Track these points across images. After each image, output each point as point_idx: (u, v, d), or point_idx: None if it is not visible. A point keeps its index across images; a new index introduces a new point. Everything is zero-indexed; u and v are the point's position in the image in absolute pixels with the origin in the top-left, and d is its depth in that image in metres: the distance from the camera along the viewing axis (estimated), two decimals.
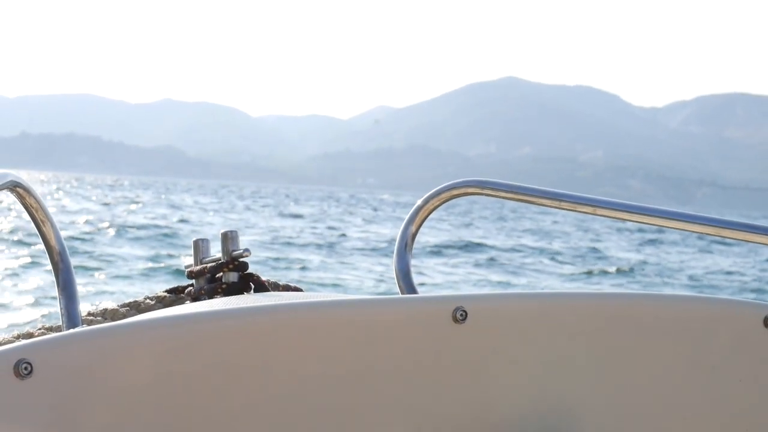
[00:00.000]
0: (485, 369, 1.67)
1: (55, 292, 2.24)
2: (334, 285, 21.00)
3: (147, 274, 22.22)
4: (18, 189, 2.09)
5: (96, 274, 21.37)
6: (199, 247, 2.58)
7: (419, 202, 2.58)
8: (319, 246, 34.80)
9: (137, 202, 69.01)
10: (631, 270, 30.91)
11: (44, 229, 2.21)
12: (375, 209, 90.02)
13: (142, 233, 34.83)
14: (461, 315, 1.64)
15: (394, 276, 2.52)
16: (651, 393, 1.79)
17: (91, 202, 67.41)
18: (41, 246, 2.31)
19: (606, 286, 25.86)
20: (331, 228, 48.23)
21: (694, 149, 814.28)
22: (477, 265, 29.33)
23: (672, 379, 1.81)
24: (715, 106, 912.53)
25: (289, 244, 35.41)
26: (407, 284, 2.49)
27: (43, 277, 17.70)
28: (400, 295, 2.26)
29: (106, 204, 62.94)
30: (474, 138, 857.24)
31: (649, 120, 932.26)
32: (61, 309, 2.22)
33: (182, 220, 46.59)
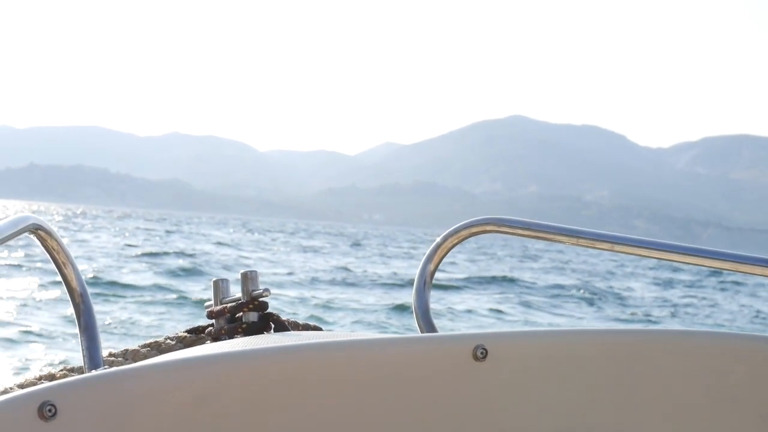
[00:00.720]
0: (506, 407, 1.67)
1: (77, 333, 2.24)
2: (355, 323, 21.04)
3: None
4: (39, 232, 2.10)
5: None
6: (219, 287, 2.59)
7: (438, 240, 2.58)
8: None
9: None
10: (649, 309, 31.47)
11: (65, 271, 2.22)
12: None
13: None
14: (482, 353, 1.64)
15: (414, 314, 2.51)
16: (671, 430, 1.78)
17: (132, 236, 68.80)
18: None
19: (623, 323, 26.06)
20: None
21: (700, 190, 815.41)
22: (497, 301, 29.50)
23: (692, 415, 1.80)
24: (722, 147, 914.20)
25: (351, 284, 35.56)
26: (426, 322, 2.48)
27: (63, 318, 17.88)
28: (420, 334, 2.25)
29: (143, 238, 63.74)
30: (480, 175, 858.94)
31: (655, 160, 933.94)
32: (82, 350, 2.24)
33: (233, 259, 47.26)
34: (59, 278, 2.26)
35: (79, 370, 2.35)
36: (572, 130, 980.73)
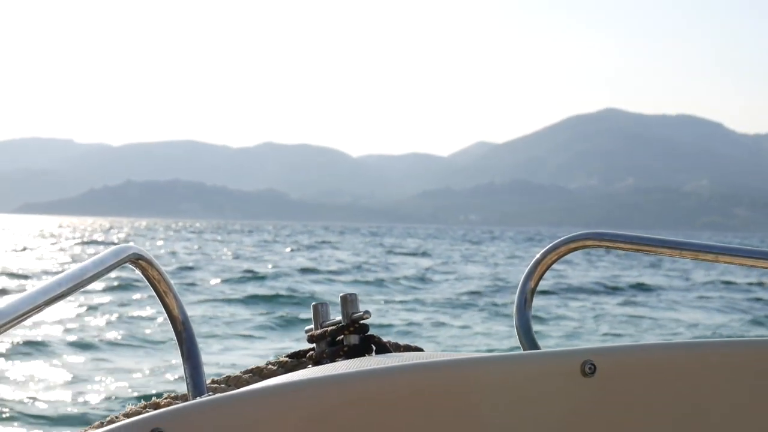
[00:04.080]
0: (616, 423, 1.65)
1: (179, 361, 2.30)
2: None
3: None
4: (140, 262, 2.14)
5: None
6: (319, 311, 2.60)
7: (537, 256, 2.56)
8: None
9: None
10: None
11: (167, 300, 2.26)
12: None
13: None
14: (590, 368, 1.63)
15: (516, 332, 2.50)
16: None
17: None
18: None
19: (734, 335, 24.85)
20: None
21: None
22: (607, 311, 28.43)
23: None
24: None
25: None
26: (529, 340, 2.46)
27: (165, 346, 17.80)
28: (526, 351, 2.26)
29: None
30: (575, 171, 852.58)
31: (754, 147, 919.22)
32: (186, 378, 2.28)
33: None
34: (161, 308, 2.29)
35: (183, 398, 2.40)
36: (667, 121, 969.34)
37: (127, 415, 2.17)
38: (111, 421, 1.82)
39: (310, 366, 2.57)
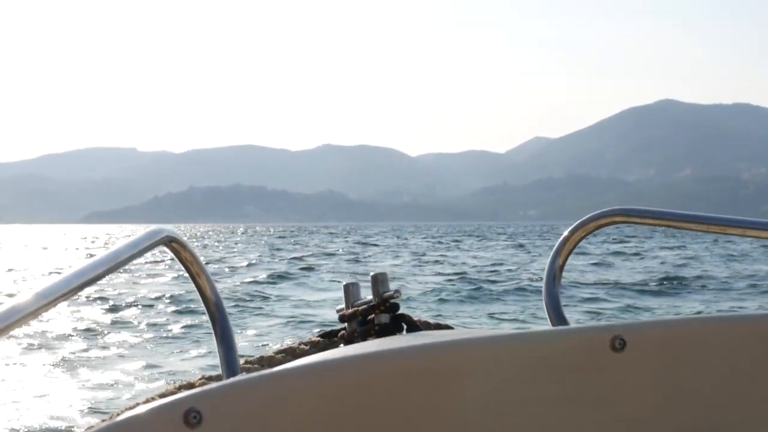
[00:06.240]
0: (647, 397, 1.63)
1: (213, 343, 2.29)
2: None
3: None
4: (173, 244, 2.16)
5: None
6: (350, 290, 2.62)
7: (566, 233, 2.56)
8: None
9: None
10: None
11: (200, 281, 2.27)
12: None
13: None
14: (620, 344, 1.60)
15: (545, 309, 2.49)
16: None
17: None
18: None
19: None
20: None
21: None
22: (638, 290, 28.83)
23: None
24: None
25: None
26: (558, 316, 2.46)
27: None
28: (556, 327, 2.23)
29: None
30: (632, 163, 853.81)
31: None
32: (220, 358, 2.29)
33: None
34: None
35: (217, 379, 2.40)
36: (723, 110, 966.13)
37: (162, 396, 2.16)
38: (147, 402, 1.80)
39: (341, 345, 2.56)
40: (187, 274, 2.29)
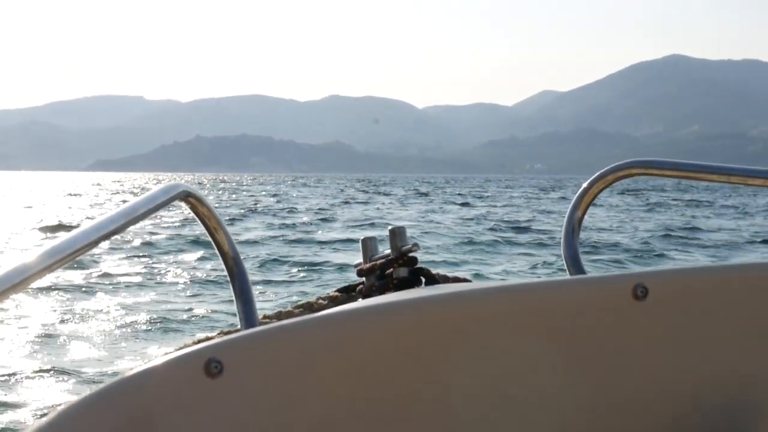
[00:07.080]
0: (669, 345, 1.62)
1: (232, 297, 2.30)
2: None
3: None
4: (190, 199, 2.14)
5: None
6: (368, 245, 2.62)
7: (585, 185, 2.55)
8: None
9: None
10: None
11: (217, 236, 2.26)
12: None
13: None
14: (642, 292, 1.60)
15: (564, 262, 2.49)
16: None
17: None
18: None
19: None
20: None
21: None
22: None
23: None
24: None
25: None
26: (577, 269, 2.46)
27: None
28: (577, 276, 2.16)
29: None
30: (641, 119, 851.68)
31: None
32: (238, 312, 2.28)
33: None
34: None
35: (237, 332, 2.16)
36: (732, 66, 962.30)
37: (181, 349, 2.05)
38: (165, 355, 1.77)
39: (360, 299, 2.55)
40: (204, 229, 2.28)
